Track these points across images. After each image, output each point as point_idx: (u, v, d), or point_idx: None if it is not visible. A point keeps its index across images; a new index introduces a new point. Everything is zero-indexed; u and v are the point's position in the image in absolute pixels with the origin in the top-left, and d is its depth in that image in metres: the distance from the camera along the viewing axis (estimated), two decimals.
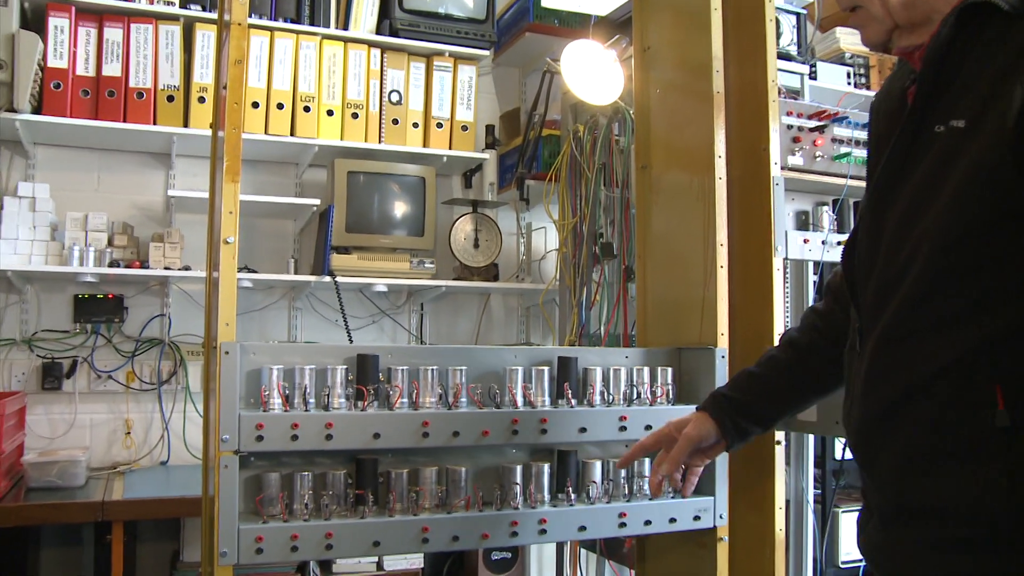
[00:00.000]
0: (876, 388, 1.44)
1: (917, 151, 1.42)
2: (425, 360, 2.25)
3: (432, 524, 2.13)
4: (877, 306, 1.45)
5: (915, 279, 1.38)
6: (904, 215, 1.42)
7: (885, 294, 1.43)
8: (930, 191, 1.37)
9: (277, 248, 4.44)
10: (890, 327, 1.42)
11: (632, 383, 2.42)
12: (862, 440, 1.49)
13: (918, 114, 1.42)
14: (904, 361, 1.39)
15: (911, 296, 1.38)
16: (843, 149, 3.10)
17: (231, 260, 2.05)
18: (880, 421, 1.43)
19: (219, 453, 1.99)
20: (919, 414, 1.37)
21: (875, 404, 1.45)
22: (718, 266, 2.52)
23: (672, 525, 2.40)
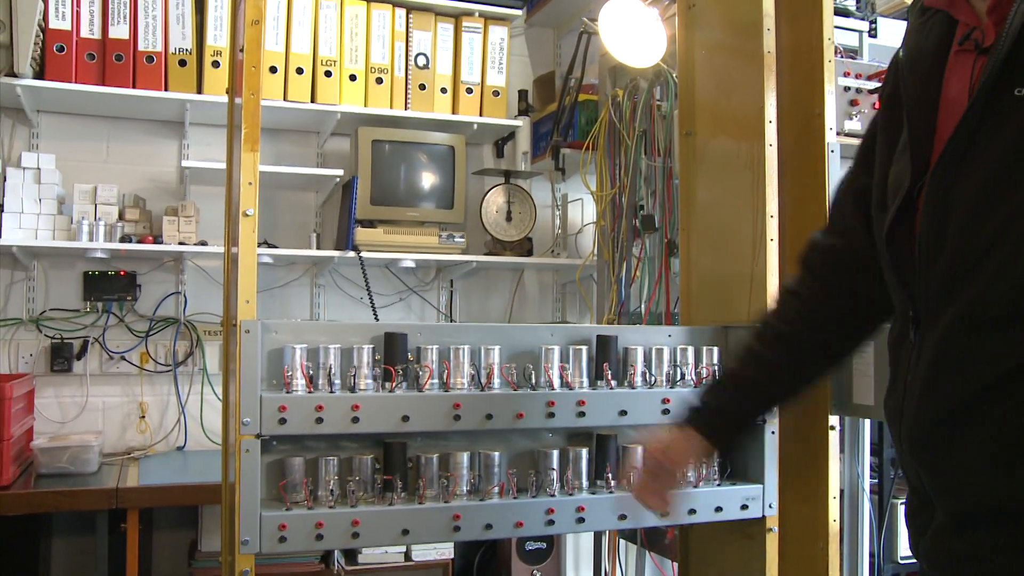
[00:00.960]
0: (947, 381, 1.38)
1: (993, 118, 1.36)
2: (456, 339, 2.28)
3: (464, 511, 2.17)
4: (946, 292, 1.39)
5: (1009, 258, 1.31)
6: (984, 189, 1.35)
7: (958, 278, 1.37)
8: (1019, 159, 1.32)
9: (298, 222, 4.47)
10: (969, 314, 1.35)
11: (676, 363, 2.44)
12: (925, 438, 1.43)
13: (992, 78, 1.36)
14: (987, 351, 1.33)
15: (1002, 278, 1.32)
16: None
17: (251, 234, 2.08)
18: (954, 417, 1.37)
19: (240, 437, 2.03)
20: (1007, 409, 1.31)
21: (946, 399, 1.39)
22: (768, 239, 2.52)
23: (718, 514, 2.42)
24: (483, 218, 4.43)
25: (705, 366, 2.45)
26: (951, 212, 1.39)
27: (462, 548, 4.29)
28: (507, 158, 4.76)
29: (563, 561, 4.41)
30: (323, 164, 4.48)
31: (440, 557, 4.03)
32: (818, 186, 2.67)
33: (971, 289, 1.35)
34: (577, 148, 4.12)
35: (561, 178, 4.69)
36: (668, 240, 3.41)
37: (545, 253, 4.77)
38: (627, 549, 3.99)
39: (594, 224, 4.19)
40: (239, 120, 2.16)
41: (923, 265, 1.45)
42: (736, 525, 2.53)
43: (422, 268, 4.62)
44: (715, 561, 2.72)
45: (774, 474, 2.48)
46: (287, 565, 3.75)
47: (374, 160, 4.22)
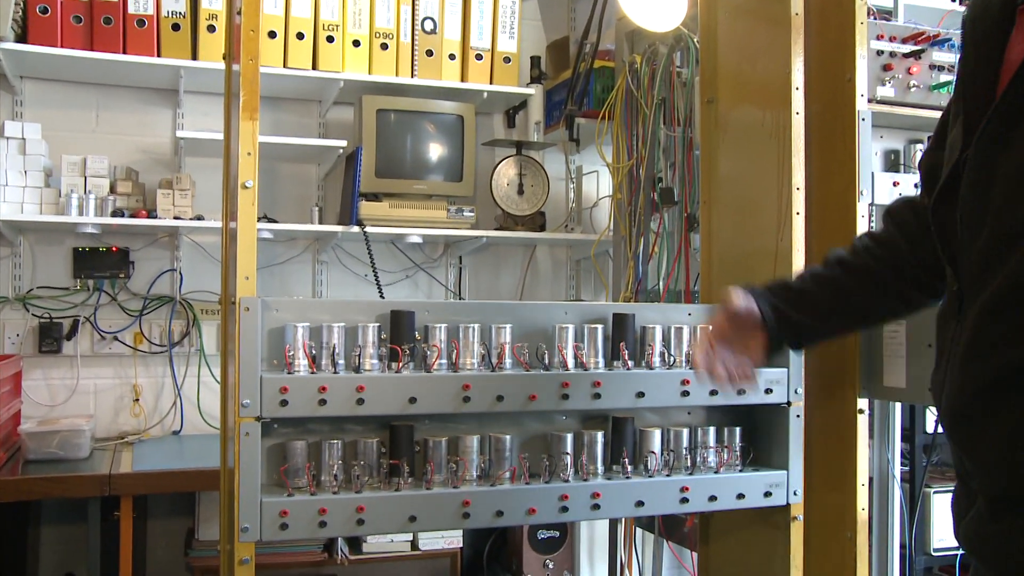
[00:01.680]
0: (984, 358, 1.39)
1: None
2: (466, 317, 2.29)
3: (474, 498, 2.18)
4: (987, 266, 1.39)
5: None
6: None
7: (999, 252, 1.36)
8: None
9: (299, 195, 4.49)
10: (1008, 289, 1.35)
11: (695, 343, 2.44)
12: (963, 417, 1.45)
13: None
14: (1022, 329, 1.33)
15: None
16: (943, 77, 3.04)
17: (250, 207, 2.09)
18: (989, 395, 1.38)
19: (239, 420, 2.04)
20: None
21: (982, 376, 1.40)
22: (793, 213, 2.52)
23: (740, 502, 2.43)
24: (493, 191, 4.43)
25: None
26: (995, 184, 1.38)
27: (471, 537, 4.32)
28: (519, 128, 4.76)
29: (577, 550, 4.43)
30: (325, 135, 4.49)
31: (448, 546, 4.06)
32: (847, 156, 2.66)
33: (1009, 266, 1.34)
34: (592, 117, 4.12)
35: (575, 149, 4.69)
36: (688, 214, 3.41)
37: (558, 228, 4.77)
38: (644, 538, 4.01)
39: (610, 197, 4.19)
40: (237, 88, 2.17)
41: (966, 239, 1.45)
42: (759, 513, 2.55)
43: (429, 244, 4.63)
44: (737, 551, 2.74)
45: (799, 460, 2.49)
46: (288, 555, 3.78)
47: (379, 130, 4.22)
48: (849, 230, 2.66)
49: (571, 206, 4.84)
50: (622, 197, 3.88)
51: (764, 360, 2.01)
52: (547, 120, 4.60)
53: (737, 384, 2.04)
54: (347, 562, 3.89)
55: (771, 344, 2.00)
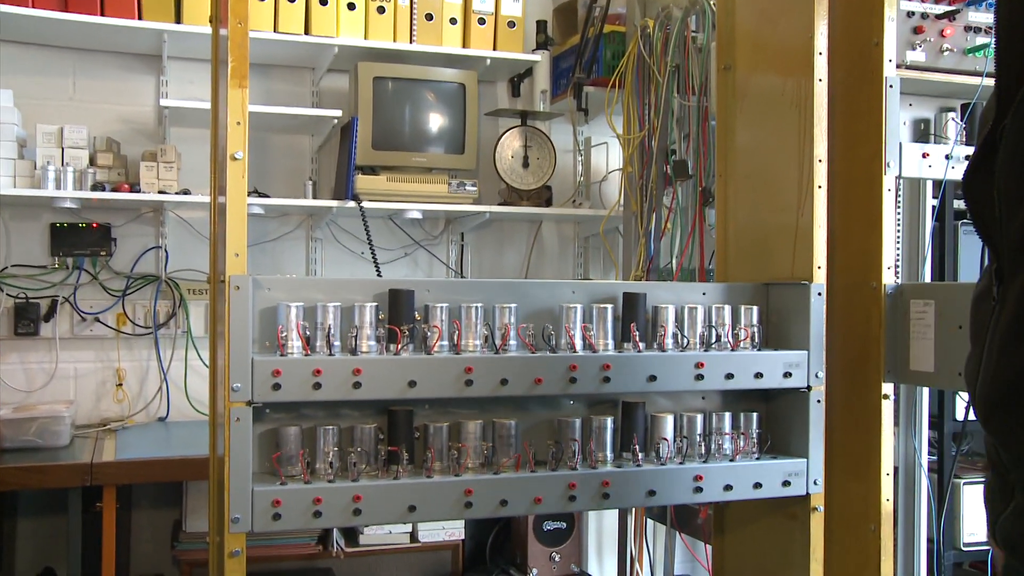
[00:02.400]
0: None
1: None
2: (468, 296, 2.29)
3: (476, 486, 2.19)
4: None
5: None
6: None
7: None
8: None
9: (292, 169, 4.49)
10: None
11: (710, 324, 2.45)
12: (999, 405, 1.41)
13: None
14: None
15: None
16: (979, 40, 3.00)
17: (240, 180, 2.09)
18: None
19: (229, 405, 2.05)
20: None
21: (1022, 361, 1.36)
22: (815, 186, 2.52)
23: (757, 491, 2.44)
24: (497, 164, 4.43)
25: (743, 327, 2.47)
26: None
27: (473, 528, 4.34)
28: (524, 97, 4.76)
29: (584, 543, 4.46)
30: (319, 104, 4.49)
31: (449, 538, 4.08)
32: (874, 126, 2.66)
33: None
34: (602, 86, 4.11)
35: (584, 120, 4.68)
36: (703, 188, 3.42)
37: (566, 203, 4.77)
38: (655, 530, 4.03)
39: (620, 171, 4.19)
40: (224, 53, 2.16)
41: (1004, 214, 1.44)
42: (777, 503, 2.55)
43: (429, 220, 4.63)
44: (753, 543, 2.75)
45: (820, 447, 2.49)
46: (281, 547, 3.80)
47: (376, 99, 4.22)
48: (875, 205, 2.66)
49: (579, 180, 4.84)
50: (633, 170, 3.88)
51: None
52: (554, 89, 4.60)
53: None
54: (343, 555, 3.91)
55: None
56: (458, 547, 4.13)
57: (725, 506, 2.85)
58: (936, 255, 3.46)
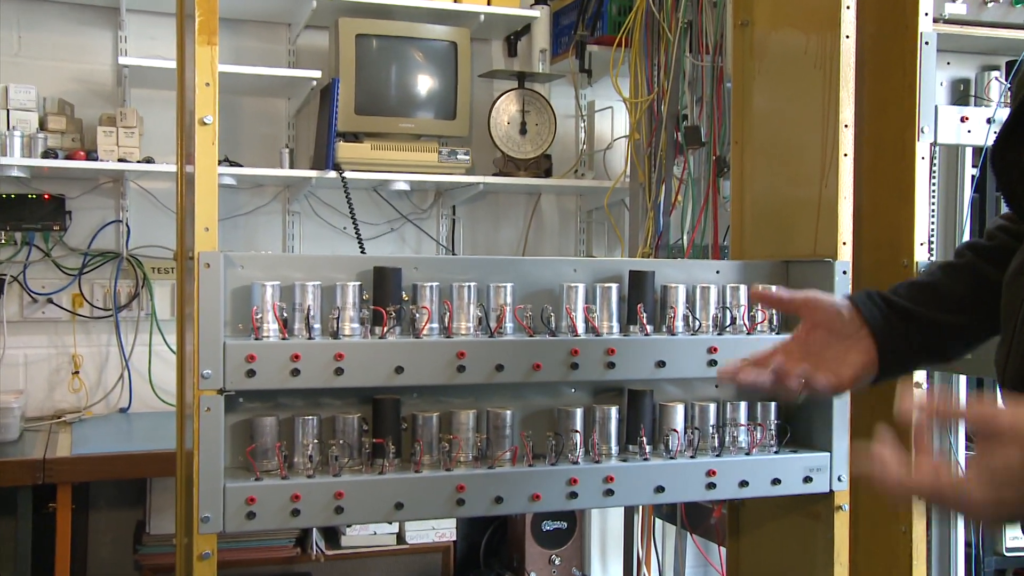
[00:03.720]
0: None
1: None
2: (460, 274, 2.31)
3: (469, 482, 2.21)
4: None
5: None
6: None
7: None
8: None
9: (266, 135, 4.49)
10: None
11: (724, 305, 2.46)
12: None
13: None
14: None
15: None
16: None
17: (210, 147, 2.10)
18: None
19: (199, 393, 2.06)
20: None
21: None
22: (840, 154, 2.52)
23: (775, 488, 2.45)
24: (492, 131, 4.44)
25: (760, 309, 2.48)
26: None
27: (466, 528, 4.36)
28: (521, 57, 4.76)
29: (587, 544, 4.48)
30: (296, 64, 4.49)
31: (439, 539, 4.10)
32: (906, 88, 2.66)
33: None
34: (607, 45, 4.11)
35: (587, 82, 4.69)
36: (717, 157, 3.42)
37: (567, 174, 4.78)
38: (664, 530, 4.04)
39: (626, 138, 4.20)
40: (191, 6, 2.17)
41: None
42: (797, 501, 2.57)
43: (418, 191, 4.64)
44: (771, 545, 2.77)
45: (845, 440, 2.50)
46: (255, 550, 3.82)
47: (359, 59, 4.22)
48: (907, 175, 2.66)
49: (581, 148, 4.84)
50: (640, 137, 3.88)
51: (859, 378, 1.67)
52: (554, 48, 4.60)
53: (796, 388, 1.66)
54: (323, 557, 3.93)
55: (882, 351, 1.67)
56: (449, 548, 4.15)
57: (740, 504, 2.87)
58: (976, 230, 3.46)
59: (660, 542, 4.00)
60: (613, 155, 4.77)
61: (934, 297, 1.71)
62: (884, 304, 1.69)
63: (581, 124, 4.84)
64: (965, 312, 1.71)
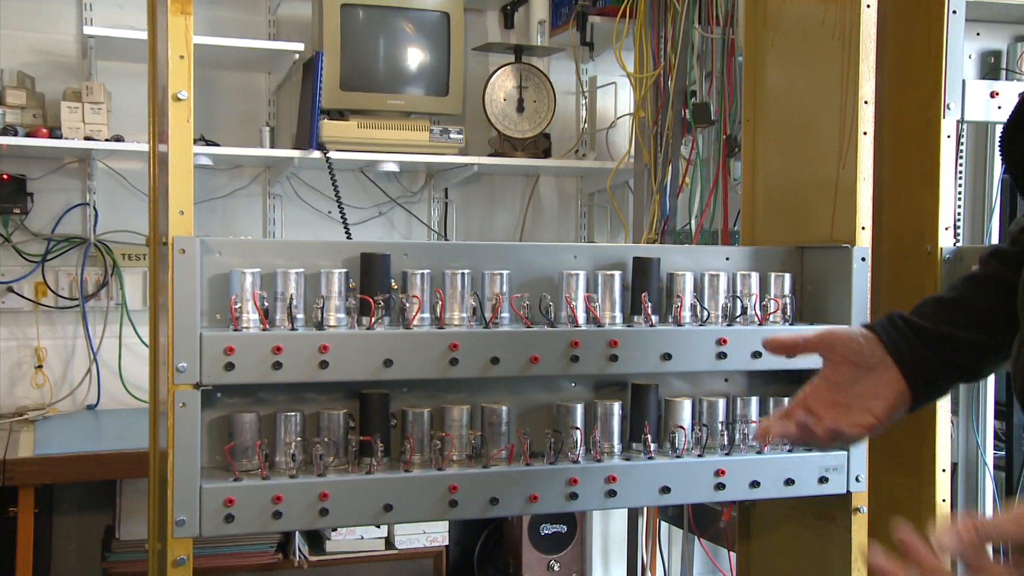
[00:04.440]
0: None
1: None
2: (453, 261, 2.32)
3: (462, 482, 2.22)
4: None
5: None
6: None
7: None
8: None
9: (245, 112, 4.49)
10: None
11: (735, 294, 2.47)
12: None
13: None
14: None
15: None
16: None
17: (185, 124, 2.10)
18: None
19: (173, 388, 2.07)
20: None
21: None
22: (860, 133, 2.53)
23: (788, 489, 2.46)
24: (487, 108, 4.45)
25: (773, 298, 2.48)
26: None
27: (459, 531, 4.37)
28: (518, 29, 4.77)
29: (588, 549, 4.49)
30: (276, 36, 4.49)
31: (431, 544, 4.12)
32: (931, 61, 2.65)
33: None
34: (610, 16, 4.12)
35: (588, 56, 4.70)
36: (727, 136, 3.43)
37: (567, 154, 4.79)
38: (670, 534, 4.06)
39: (631, 116, 4.21)
40: None
41: None
42: (812, 503, 2.58)
43: (408, 173, 4.65)
44: (784, 550, 2.78)
45: None
46: (234, 556, 3.83)
47: (344, 31, 4.22)
48: (931, 155, 2.66)
49: (583, 127, 4.85)
50: (646, 115, 3.89)
51: (894, 410, 1.68)
52: (553, 19, 4.60)
53: (833, 436, 1.72)
54: (306, 563, 3.95)
55: (911, 379, 1.68)
56: (441, 554, 4.16)
57: (751, 506, 2.88)
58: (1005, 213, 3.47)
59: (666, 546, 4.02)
60: (616, 134, 4.78)
61: (960, 314, 1.72)
62: (907, 328, 1.70)
63: (582, 101, 4.85)
64: (993, 327, 1.71)
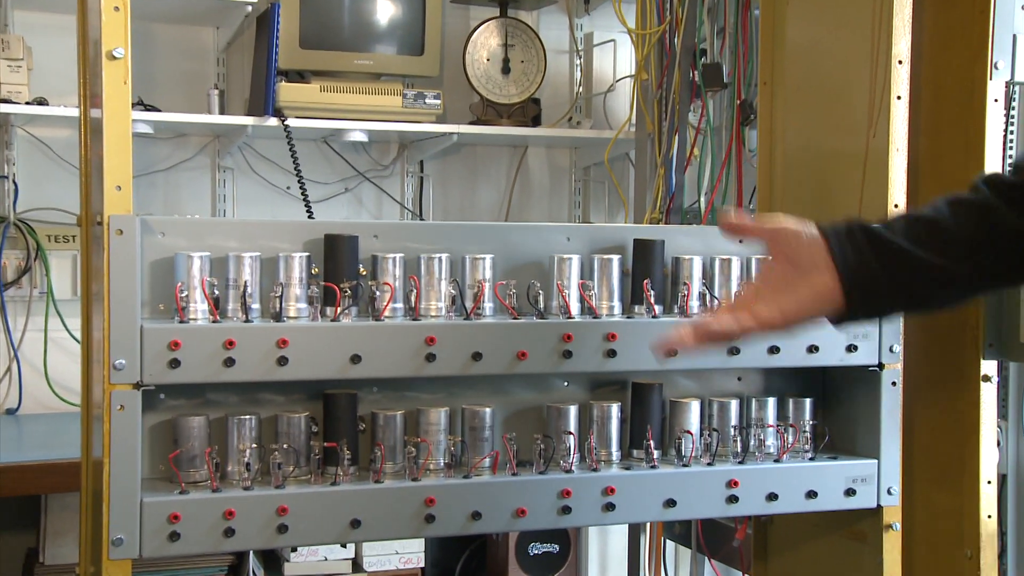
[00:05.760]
0: None
1: None
2: (430, 244, 2.33)
3: (440, 494, 2.23)
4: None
5: None
6: None
7: None
8: None
9: (190, 73, 4.49)
10: None
11: (749, 281, 2.49)
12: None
13: None
14: None
15: None
16: None
17: (121, 87, 2.10)
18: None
19: (110, 388, 2.07)
20: None
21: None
22: (893, 97, 2.54)
23: (811, 502, 2.48)
24: (468, 70, 4.46)
25: None
26: None
27: (436, 550, 4.39)
28: None
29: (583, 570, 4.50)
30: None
31: (404, 565, 4.13)
32: (976, 14, 2.64)
33: None
34: None
35: (584, 9, 4.70)
36: (742, 101, 3.45)
37: (559, 122, 4.80)
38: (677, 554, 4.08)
39: (632, 79, 4.22)
40: None
41: None
42: (838, 519, 2.60)
43: (378, 144, 4.66)
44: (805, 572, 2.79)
45: (895, 445, 2.53)
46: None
47: None
48: (975, 121, 2.65)
49: (577, 91, 4.86)
50: (649, 78, 3.90)
51: (803, 314, 1.74)
52: None
53: (736, 333, 1.76)
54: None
55: (848, 290, 1.71)
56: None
57: (769, 522, 2.90)
58: None
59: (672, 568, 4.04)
60: (615, 99, 4.79)
61: (932, 235, 1.73)
62: (864, 237, 1.73)
63: (576, 61, 4.86)
64: (967, 258, 1.72)
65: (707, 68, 3.60)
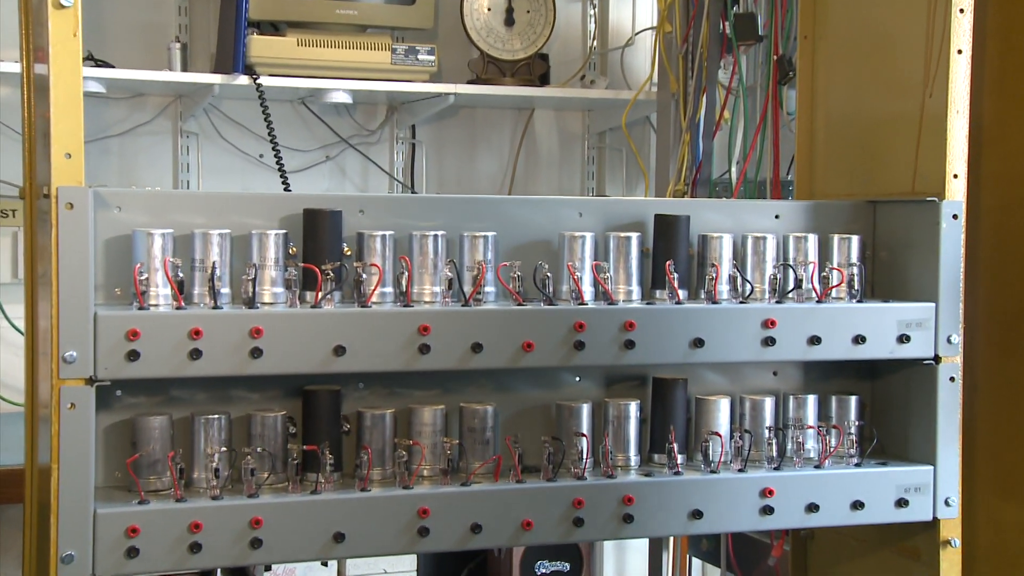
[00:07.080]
0: None
1: None
2: (423, 220, 2.34)
3: (435, 504, 2.24)
4: None
5: None
6: None
7: None
8: None
9: (149, 25, 4.49)
10: None
11: (786, 262, 2.50)
12: None
13: None
14: None
15: None
16: None
17: (70, 41, 2.11)
18: None
19: (58, 384, 2.08)
20: None
21: None
22: (953, 51, 2.54)
23: (857, 514, 2.49)
24: (466, 21, 4.46)
25: (836, 267, 2.50)
26: None
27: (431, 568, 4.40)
28: None
29: None
30: None
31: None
32: None
33: None
34: None
35: None
36: (779, 57, 3.45)
37: (570, 81, 4.80)
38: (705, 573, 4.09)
39: (653, 31, 4.23)
40: None
41: None
42: (888, 534, 2.61)
43: (363, 106, 4.66)
44: None
45: (955, 450, 2.54)
46: None
47: None
48: None
49: (590, 45, 4.86)
50: (673, 31, 3.91)
51: None
52: None
53: None
54: None
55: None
56: None
57: (809, 537, 2.90)
58: None
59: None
60: (634, 55, 4.80)
61: None
62: None
63: (590, 12, 4.86)
64: None
65: (739, 19, 3.60)
